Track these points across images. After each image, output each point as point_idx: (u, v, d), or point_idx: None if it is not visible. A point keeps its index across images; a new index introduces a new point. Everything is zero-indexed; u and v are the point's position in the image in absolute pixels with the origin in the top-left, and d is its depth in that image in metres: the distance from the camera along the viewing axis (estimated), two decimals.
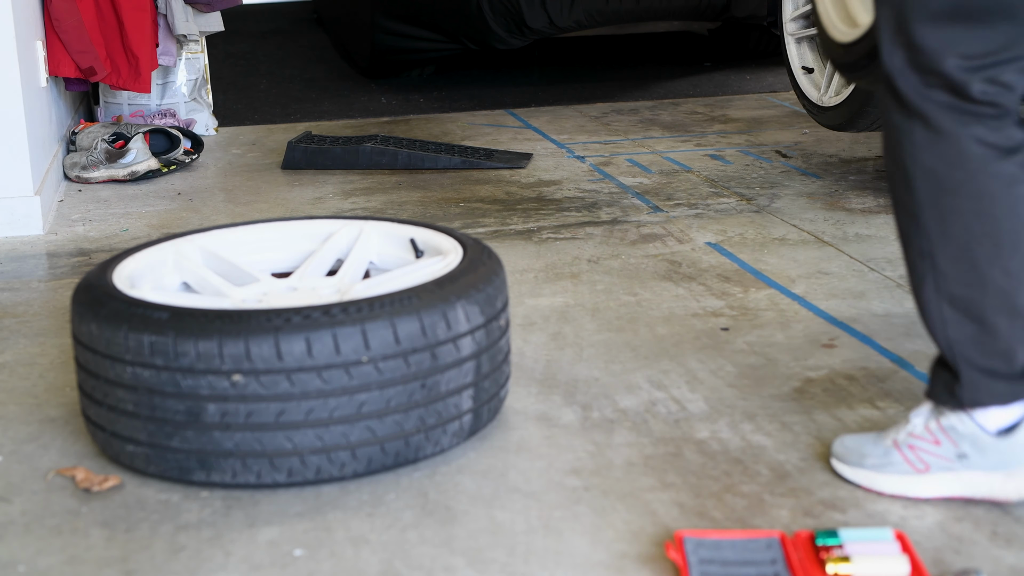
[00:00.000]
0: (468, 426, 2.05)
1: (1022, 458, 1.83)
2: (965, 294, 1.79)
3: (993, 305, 1.78)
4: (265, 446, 1.90)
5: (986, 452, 1.84)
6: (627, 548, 1.78)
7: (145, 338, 1.90)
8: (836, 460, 1.97)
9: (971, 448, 1.84)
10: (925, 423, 1.89)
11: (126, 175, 4.09)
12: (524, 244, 3.29)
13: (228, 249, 2.39)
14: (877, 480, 1.91)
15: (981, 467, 1.84)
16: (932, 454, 1.87)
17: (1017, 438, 1.83)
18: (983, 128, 1.74)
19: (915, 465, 1.88)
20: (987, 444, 1.83)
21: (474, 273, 2.08)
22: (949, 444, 1.85)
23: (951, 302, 1.80)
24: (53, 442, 2.17)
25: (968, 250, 1.77)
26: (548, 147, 4.48)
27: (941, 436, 1.86)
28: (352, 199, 3.82)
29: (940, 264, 1.79)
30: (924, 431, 1.88)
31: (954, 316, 1.80)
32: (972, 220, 1.76)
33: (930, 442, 1.87)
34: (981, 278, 1.78)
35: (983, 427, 1.84)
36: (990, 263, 1.77)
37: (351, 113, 5.25)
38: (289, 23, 8.18)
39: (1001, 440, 1.83)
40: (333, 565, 1.77)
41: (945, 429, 1.86)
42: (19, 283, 3.09)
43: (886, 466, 1.90)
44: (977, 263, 1.77)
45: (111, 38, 4.33)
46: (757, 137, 4.56)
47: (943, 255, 1.78)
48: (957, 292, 1.79)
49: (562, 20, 5.44)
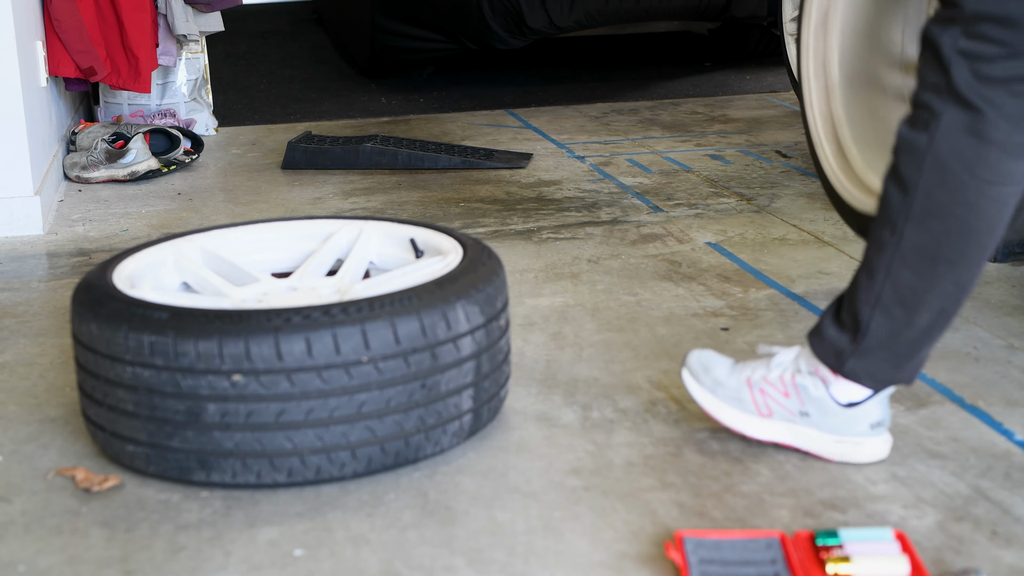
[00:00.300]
0: (468, 426, 2.05)
1: (854, 429, 1.98)
2: (912, 283, 1.86)
3: (929, 304, 1.87)
4: (265, 446, 1.90)
5: (827, 416, 1.98)
6: (627, 548, 1.78)
7: (145, 338, 1.90)
8: (688, 374, 2.08)
9: (815, 409, 1.99)
10: (781, 374, 2.01)
11: (126, 175, 4.09)
12: (524, 244, 3.29)
13: (228, 249, 2.39)
14: (721, 409, 2.05)
15: (817, 427, 1.99)
16: (778, 403, 2.00)
17: (858, 412, 1.97)
18: (1000, 141, 1.77)
19: (760, 409, 2.02)
20: (830, 410, 1.98)
21: (474, 273, 2.08)
22: (796, 400, 1.99)
23: (895, 284, 1.87)
24: (53, 442, 2.17)
25: (936, 248, 1.84)
26: (548, 147, 4.48)
27: (791, 391, 1.99)
28: (352, 199, 3.82)
29: (904, 246, 1.85)
30: (778, 380, 2.01)
31: (890, 297, 1.88)
32: (954, 223, 1.82)
33: (780, 392, 2.00)
34: (934, 277, 1.85)
35: (834, 397, 1.98)
36: (948, 267, 1.85)
37: (351, 113, 5.25)
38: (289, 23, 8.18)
39: (844, 410, 1.98)
40: (333, 565, 1.77)
41: (798, 387, 1.99)
42: (19, 283, 3.09)
43: (734, 401, 2.03)
44: (937, 262, 1.84)
45: (111, 38, 4.33)
46: (757, 137, 4.56)
47: (912, 240, 1.85)
48: (906, 278, 1.86)
49: (562, 20, 5.44)
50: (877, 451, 2.00)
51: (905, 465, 2.01)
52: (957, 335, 2.54)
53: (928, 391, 2.29)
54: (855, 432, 1.98)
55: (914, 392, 2.28)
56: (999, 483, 1.94)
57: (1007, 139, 1.77)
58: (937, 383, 2.32)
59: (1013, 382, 2.33)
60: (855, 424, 1.97)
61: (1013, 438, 2.10)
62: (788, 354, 2.02)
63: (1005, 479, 1.96)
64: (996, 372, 2.37)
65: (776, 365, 2.02)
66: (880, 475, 1.97)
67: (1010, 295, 2.79)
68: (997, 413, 2.19)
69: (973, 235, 1.82)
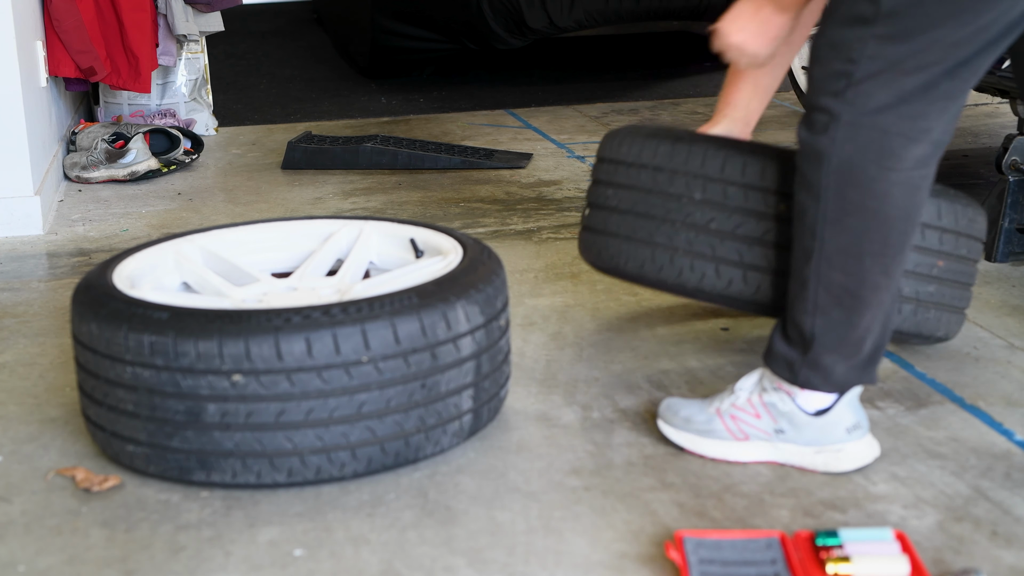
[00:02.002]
0: (468, 426, 2.05)
1: (831, 437, 1.98)
2: (843, 282, 1.89)
3: (865, 299, 1.89)
4: (265, 446, 1.90)
5: (801, 429, 1.98)
6: (627, 548, 1.78)
7: (145, 338, 1.90)
8: (662, 421, 2.09)
9: (788, 424, 1.99)
10: (748, 396, 2.02)
11: (126, 175, 4.09)
12: (524, 244, 3.29)
13: (228, 249, 2.39)
14: (700, 443, 2.04)
15: (795, 441, 1.99)
16: (752, 426, 2.01)
17: (829, 418, 1.97)
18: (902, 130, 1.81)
19: (735, 434, 2.02)
20: (803, 422, 1.98)
21: (474, 273, 2.08)
22: (768, 419, 2.00)
23: (828, 287, 1.90)
24: (53, 442, 2.17)
25: (858, 243, 1.86)
26: (548, 147, 4.48)
27: (762, 411, 2.00)
28: (352, 199, 3.82)
29: (828, 249, 1.88)
30: (747, 404, 2.01)
31: (826, 301, 1.90)
32: (870, 217, 1.84)
33: (751, 415, 2.00)
34: (862, 272, 1.88)
35: (802, 408, 1.98)
36: (873, 260, 1.87)
37: (351, 113, 5.25)
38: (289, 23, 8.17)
39: (816, 419, 1.98)
40: (333, 565, 1.77)
41: (766, 405, 1.99)
42: (19, 283, 3.09)
43: (709, 432, 2.03)
44: (862, 257, 1.87)
45: (111, 38, 4.33)
46: (757, 137, 4.55)
47: (833, 242, 1.87)
48: (837, 279, 1.89)
49: (562, 20, 5.44)
50: (859, 456, 1.99)
51: (905, 465, 2.01)
52: (957, 335, 2.54)
53: (928, 391, 2.29)
54: (832, 439, 1.97)
55: (914, 392, 2.28)
56: (999, 483, 1.94)
57: (910, 128, 1.80)
58: (937, 383, 2.32)
59: (1013, 382, 2.33)
60: (830, 431, 1.97)
61: (1013, 438, 2.10)
62: (750, 378, 2.03)
63: (1005, 479, 1.96)
64: (996, 372, 2.37)
65: (740, 389, 2.03)
66: (880, 475, 1.97)
67: (1010, 295, 2.79)
68: (997, 413, 2.19)
69: (891, 224, 1.85)
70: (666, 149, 2.16)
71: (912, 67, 1.78)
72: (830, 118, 1.83)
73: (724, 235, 2.12)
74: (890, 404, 2.23)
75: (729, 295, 2.16)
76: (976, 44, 1.78)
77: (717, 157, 2.13)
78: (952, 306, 2.30)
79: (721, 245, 2.13)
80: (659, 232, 2.17)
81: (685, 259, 2.16)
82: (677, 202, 2.14)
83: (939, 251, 2.21)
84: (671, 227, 2.15)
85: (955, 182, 3.83)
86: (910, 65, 1.78)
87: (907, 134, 1.81)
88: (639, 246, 2.21)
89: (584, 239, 2.36)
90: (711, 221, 2.12)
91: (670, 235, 2.16)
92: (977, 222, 2.29)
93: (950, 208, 2.21)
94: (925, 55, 1.77)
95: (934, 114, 1.81)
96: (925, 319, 2.23)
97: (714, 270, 2.13)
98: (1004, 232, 2.99)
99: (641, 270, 2.22)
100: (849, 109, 1.81)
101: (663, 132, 2.22)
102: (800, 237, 1.92)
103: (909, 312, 2.21)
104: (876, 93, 1.80)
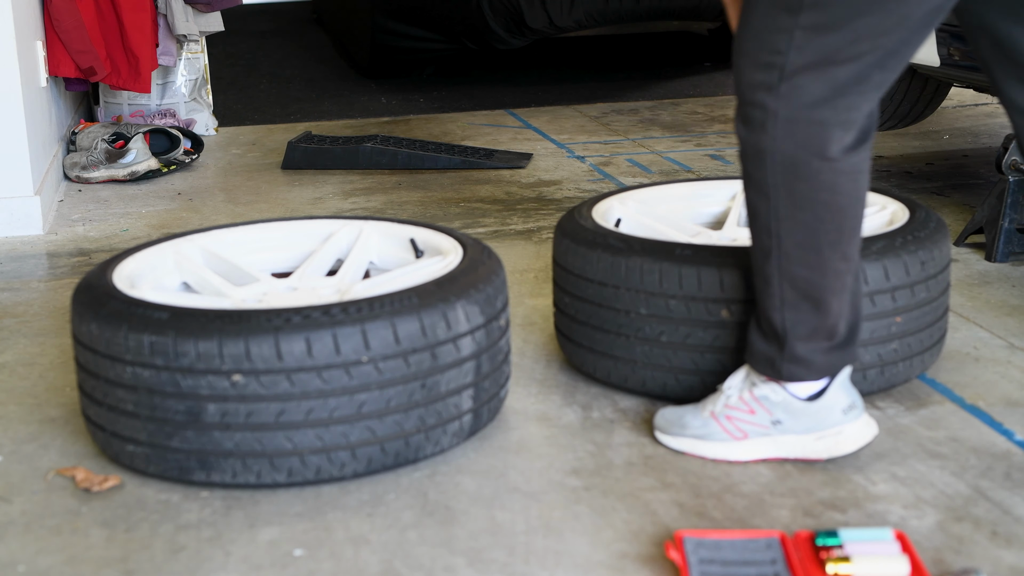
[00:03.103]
0: (468, 426, 2.05)
1: (829, 421, 1.96)
2: (806, 276, 1.89)
3: (830, 287, 1.89)
4: (265, 446, 1.90)
5: (798, 417, 1.97)
6: (627, 548, 1.78)
7: (145, 338, 1.90)
8: (659, 432, 2.08)
9: (784, 414, 1.97)
10: (739, 394, 2.00)
11: (126, 175, 4.09)
12: (524, 244, 3.29)
13: (228, 249, 2.39)
14: (700, 447, 2.03)
15: (794, 431, 1.97)
16: (748, 423, 1.99)
17: (824, 402, 1.96)
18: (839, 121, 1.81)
19: (733, 434, 2.00)
20: (798, 409, 1.97)
21: (474, 273, 2.08)
22: (763, 412, 1.98)
23: (792, 282, 1.90)
24: (53, 442, 2.17)
25: (814, 236, 1.86)
26: (548, 147, 4.48)
27: (755, 406, 1.98)
28: (352, 199, 3.82)
29: (785, 245, 1.88)
30: (739, 401, 2.00)
31: (793, 296, 1.90)
32: (822, 209, 1.85)
33: (745, 412, 1.99)
34: (822, 262, 1.88)
35: (795, 395, 1.97)
36: (832, 249, 1.87)
37: (351, 113, 5.25)
38: (289, 23, 8.17)
39: (810, 405, 1.96)
40: (333, 565, 1.77)
41: (759, 399, 1.98)
42: (19, 283, 3.09)
43: (707, 435, 2.02)
44: (820, 249, 1.87)
45: (111, 38, 4.33)
46: None
47: (790, 238, 1.87)
48: (799, 273, 1.89)
49: (562, 20, 5.44)
50: (859, 436, 1.98)
51: (905, 465, 2.01)
52: (957, 335, 2.54)
53: (928, 391, 2.29)
54: (830, 423, 1.97)
55: (914, 392, 2.28)
56: (999, 483, 1.94)
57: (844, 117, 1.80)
58: (937, 383, 2.32)
59: (1013, 382, 2.33)
60: (827, 415, 1.96)
61: (1013, 438, 2.10)
62: (736, 377, 2.03)
63: (1005, 479, 1.96)
64: (996, 372, 2.37)
65: (730, 388, 2.02)
66: (880, 475, 1.97)
67: (1010, 295, 2.79)
68: (997, 413, 2.19)
69: (843, 212, 1.85)
70: (606, 264, 2.19)
71: (843, 58, 1.77)
72: (765, 114, 1.82)
73: (676, 346, 2.16)
74: (890, 404, 2.23)
75: (693, 400, 2.19)
76: (902, 32, 1.77)
77: (653, 272, 2.14)
78: (921, 350, 2.24)
79: (675, 356, 2.16)
80: (616, 345, 2.22)
81: (645, 371, 2.20)
82: (627, 316, 2.19)
83: (895, 310, 2.17)
84: (626, 340, 2.20)
85: (955, 182, 3.83)
86: (841, 57, 1.77)
87: (844, 124, 1.80)
88: (601, 358, 2.26)
89: (559, 340, 2.41)
90: (661, 334, 2.16)
91: (627, 348, 2.21)
92: (933, 258, 2.22)
93: (896, 264, 2.16)
94: (855, 46, 1.76)
95: (867, 102, 1.81)
96: (894, 374, 2.21)
97: (674, 379, 2.18)
98: (1004, 232, 2.99)
99: (609, 379, 2.28)
100: (784, 104, 1.80)
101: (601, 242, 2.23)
102: (756, 235, 1.91)
103: (875, 375, 2.19)
104: (810, 87, 1.79)
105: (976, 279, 2.89)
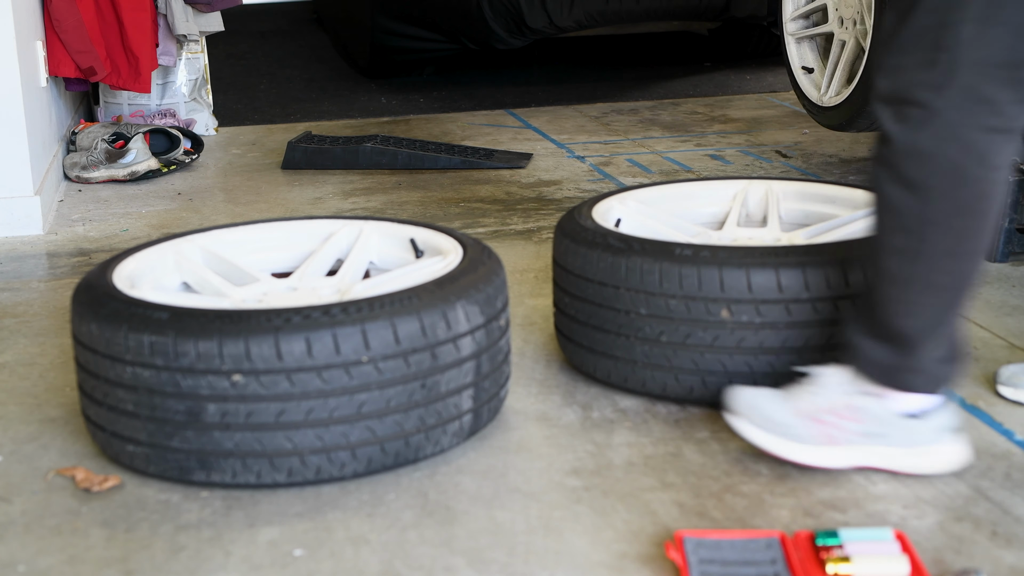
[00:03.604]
0: (468, 426, 2.05)
1: (921, 439, 1.91)
2: (947, 283, 1.83)
3: (962, 296, 1.84)
4: (265, 446, 1.90)
5: (891, 431, 1.92)
6: (627, 548, 1.78)
7: (145, 338, 1.90)
8: (737, 418, 2.00)
9: (879, 426, 1.92)
10: (834, 399, 1.93)
11: (126, 175, 4.09)
12: (524, 244, 3.29)
13: (228, 249, 2.40)
14: (782, 446, 1.96)
15: (885, 443, 1.93)
16: (840, 429, 1.93)
17: (920, 420, 1.91)
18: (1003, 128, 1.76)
19: (821, 439, 1.94)
20: (893, 424, 1.92)
21: (474, 273, 2.08)
22: (859, 421, 1.92)
23: (932, 289, 1.83)
24: (53, 442, 2.17)
25: (961, 244, 1.80)
26: (548, 147, 4.48)
27: (850, 414, 1.92)
28: (352, 199, 3.82)
29: (933, 251, 1.81)
30: (832, 406, 1.93)
31: (930, 303, 1.84)
32: (978, 218, 1.79)
33: (839, 418, 1.93)
34: (964, 272, 1.83)
35: (893, 410, 1.91)
36: (974, 259, 1.83)
37: (351, 113, 5.25)
38: (289, 23, 8.17)
39: (906, 421, 1.92)
40: (333, 565, 1.77)
41: (855, 408, 1.92)
42: (19, 283, 3.09)
43: (795, 436, 1.95)
44: (965, 257, 1.82)
45: (111, 38, 4.33)
46: (757, 137, 4.56)
47: (940, 244, 1.80)
48: (940, 281, 1.83)
49: (562, 20, 5.44)
50: (952, 457, 1.93)
51: None
52: None
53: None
54: (924, 441, 1.91)
55: None
56: (999, 483, 1.94)
57: (1009, 124, 1.76)
58: None
59: None
60: (922, 433, 1.91)
61: (1013, 438, 2.10)
62: (831, 376, 1.94)
63: (1005, 479, 1.96)
64: None
65: (823, 389, 1.94)
66: (880, 475, 1.97)
67: (1010, 295, 2.79)
68: (997, 413, 2.19)
69: (989, 221, 1.80)
70: (606, 264, 2.19)
71: (1006, 60, 1.71)
72: (928, 113, 1.74)
73: (676, 346, 2.16)
74: None
75: (692, 400, 2.20)
76: None
77: (653, 272, 2.14)
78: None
79: (676, 356, 2.16)
80: (616, 345, 2.22)
81: (645, 371, 2.20)
82: (626, 317, 2.19)
83: None
84: (626, 340, 2.20)
85: None
86: (1005, 57, 1.71)
87: (1002, 130, 1.75)
88: (602, 358, 2.26)
89: (559, 341, 2.41)
90: (661, 334, 2.15)
91: (627, 348, 2.21)
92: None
93: None
94: (1020, 45, 1.71)
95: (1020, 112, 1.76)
96: None
97: (674, 379, 2.18)
98: (1004, 232, 2.99)
99: (609, 379, 2.28)
100: (949, 105, 1.73)
101: (601, 242, 2.23)
102: (889, 233, 1.82)
103: None
104: (978, 87, 1.72)
105: None
